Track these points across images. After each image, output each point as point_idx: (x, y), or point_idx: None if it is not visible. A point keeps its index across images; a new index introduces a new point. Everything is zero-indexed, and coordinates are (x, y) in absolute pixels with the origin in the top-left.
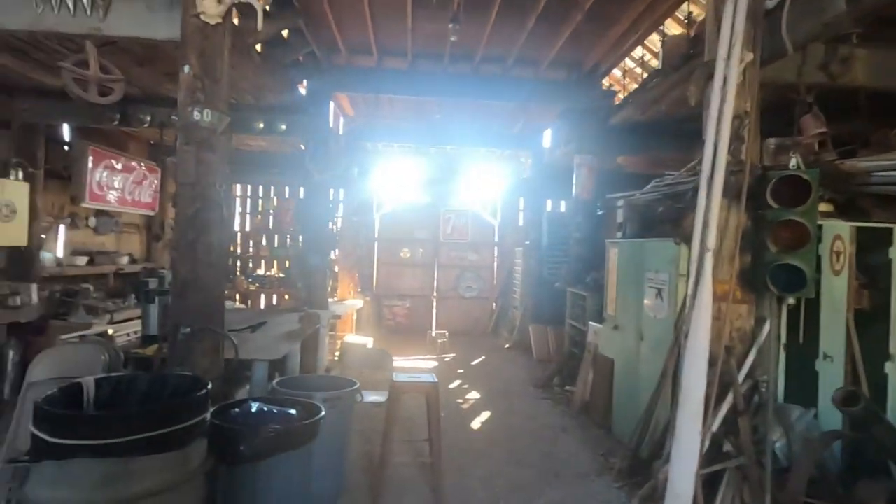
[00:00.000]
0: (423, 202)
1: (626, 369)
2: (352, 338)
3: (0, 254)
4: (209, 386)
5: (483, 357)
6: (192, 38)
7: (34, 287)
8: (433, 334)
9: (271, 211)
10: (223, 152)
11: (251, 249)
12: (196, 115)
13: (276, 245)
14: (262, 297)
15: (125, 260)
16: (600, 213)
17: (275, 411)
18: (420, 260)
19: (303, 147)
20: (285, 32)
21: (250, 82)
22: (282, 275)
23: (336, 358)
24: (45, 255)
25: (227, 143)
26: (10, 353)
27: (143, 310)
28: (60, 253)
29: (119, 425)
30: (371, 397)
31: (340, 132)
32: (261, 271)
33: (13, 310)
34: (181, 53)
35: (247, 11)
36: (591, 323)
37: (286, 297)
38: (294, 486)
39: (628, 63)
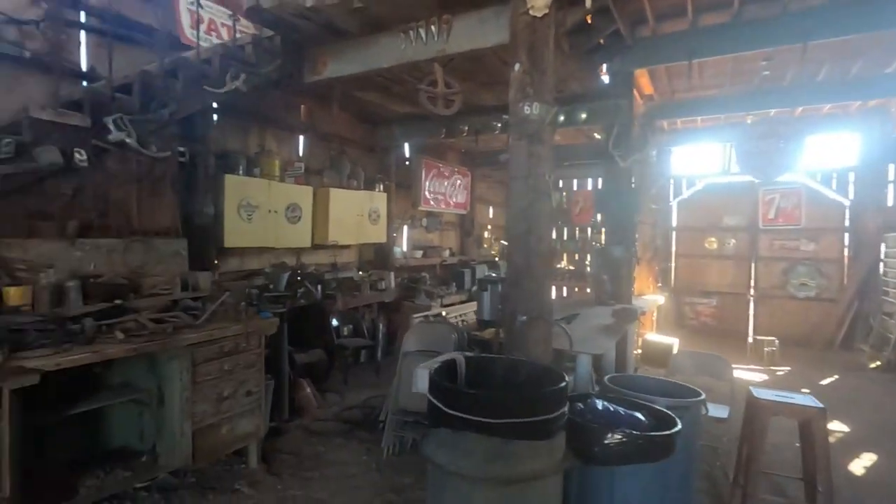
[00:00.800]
0: (735, 182)
1: None
2: (654, 336)
3: (370, 249)
4: (567, 379)
5: (836, 376)
6: (521, 35)
7: (391, 275)
8: (752, 340)
9: (563, 205)
10: (550, 143)
11: None
12: (526, 109)
13: (565, 238)
14: (554, 288)
15: (446, 253)
16: None
17: (621, 412)
18: (731, 251)
19: (596, 136)
20: (588, 17)
21: (558, 74)
22: (572, 267)
23: (637, 354)
24: (396, 250)
25: (553, 133)
26: (380, 326)
27: (479, 296)
28: (405, 248)
29: (501, 407)
30: (713, 411)
31: (634, 114)
32: None
33: (380, 292)
34: (511, 52)
35: (559, 3)
36: None
37: (576, 289)
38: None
39: None
